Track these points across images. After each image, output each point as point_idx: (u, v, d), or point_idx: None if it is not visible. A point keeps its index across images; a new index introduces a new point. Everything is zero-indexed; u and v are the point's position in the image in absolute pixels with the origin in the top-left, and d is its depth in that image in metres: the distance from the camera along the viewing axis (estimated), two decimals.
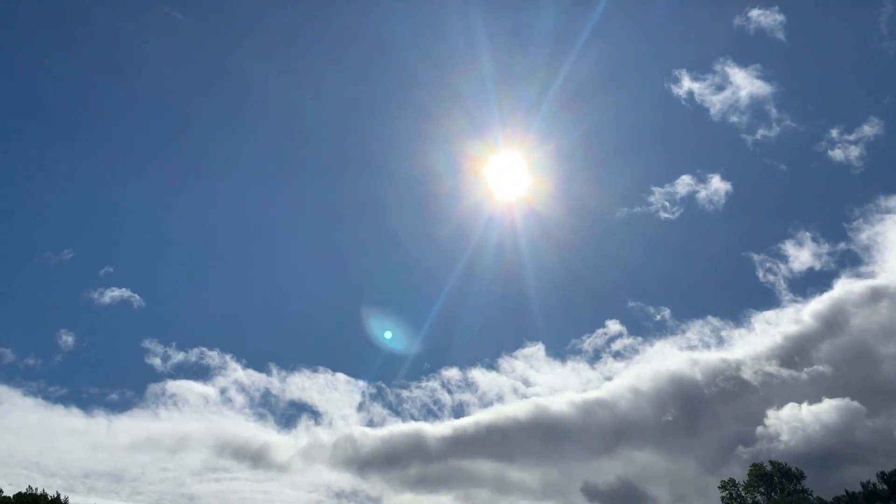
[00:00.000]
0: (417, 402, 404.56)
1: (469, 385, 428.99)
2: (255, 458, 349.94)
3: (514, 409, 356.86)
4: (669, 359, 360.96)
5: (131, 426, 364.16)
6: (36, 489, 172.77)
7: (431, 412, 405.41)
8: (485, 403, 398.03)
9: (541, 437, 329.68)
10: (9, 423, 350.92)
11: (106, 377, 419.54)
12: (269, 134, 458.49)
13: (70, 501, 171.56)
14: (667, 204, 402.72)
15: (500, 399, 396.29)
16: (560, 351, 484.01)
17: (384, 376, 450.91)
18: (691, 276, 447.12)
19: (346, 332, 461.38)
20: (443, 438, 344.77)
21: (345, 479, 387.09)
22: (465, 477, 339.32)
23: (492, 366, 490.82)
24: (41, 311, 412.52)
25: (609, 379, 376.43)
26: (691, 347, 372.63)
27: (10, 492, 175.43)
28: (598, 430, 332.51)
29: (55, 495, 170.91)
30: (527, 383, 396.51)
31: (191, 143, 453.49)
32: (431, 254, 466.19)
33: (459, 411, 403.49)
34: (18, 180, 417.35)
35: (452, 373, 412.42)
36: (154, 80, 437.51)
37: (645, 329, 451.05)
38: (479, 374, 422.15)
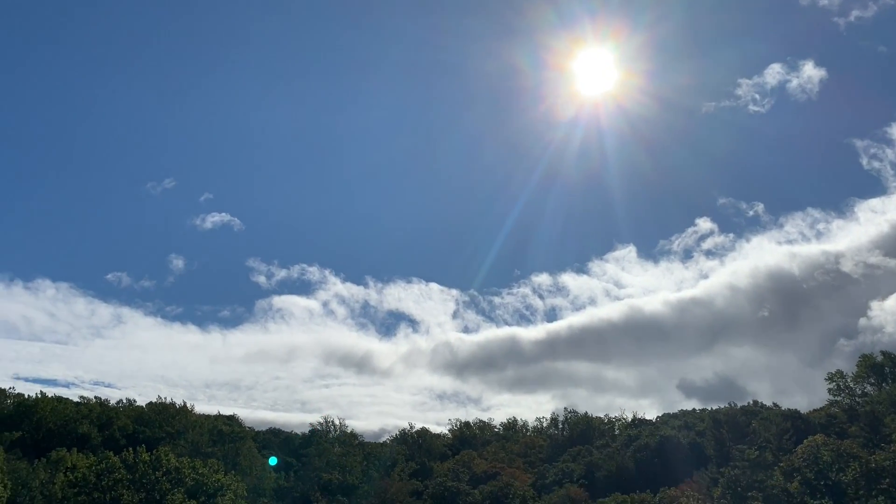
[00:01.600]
0: (510, 308, 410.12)
1: (560, 289, 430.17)
2: (360, 364, 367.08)
3: (608, 311, 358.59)
4: (766, 254, 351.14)
5: (244, 339, 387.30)
6: (164, 398, 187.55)
7: (524, 317, 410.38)
8: (577, 307, 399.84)
9: (635, 337, 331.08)
10: (134, 341, 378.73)
11: (217, 296, 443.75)
12: (348, 40, 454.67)
13: (195, 409, 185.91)
14: (756, 96, 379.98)
15: (593, 302, 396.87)
16: (651, 252, 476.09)
17: (476, 285, 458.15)
18: (787, 168, 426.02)
19: (436, 243, 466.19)
20: (537, 342, 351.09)
21: (445, 382, 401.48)
22: (561, 377, 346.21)
23: (582, 270, 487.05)
24: (151, 237, 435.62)
25: (705, 277, 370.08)
26: (790, 241, 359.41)
27: (141, 402, 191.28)
28: (694, 329, 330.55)
29: (182, 403, 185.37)
30: (619, 285, 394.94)
31: (276, 63, 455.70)
32: (511, 156, 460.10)
33: (552, 315, 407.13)
34: (119, 115, 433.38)
35: (543, 278, 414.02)
36: (244, 8, 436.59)
37: (737, 225, 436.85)
38: (569, 279, 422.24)
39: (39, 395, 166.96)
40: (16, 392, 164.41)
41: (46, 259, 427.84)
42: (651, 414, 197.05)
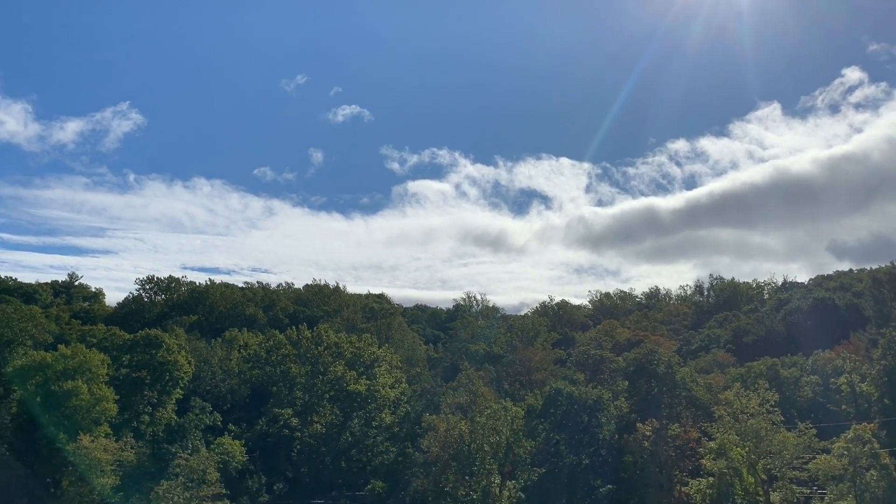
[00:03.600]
0: (645, 178, 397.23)
1: (699, 155, 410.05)
2: (495, 243, 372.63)
3: (751, 174, 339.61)
4: None
5: (384, 224, 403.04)
6: (318, 281, 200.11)
7: (661, 186, 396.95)
8: (718, 172, 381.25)
9: (782, 200, 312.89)
10: (286, 230, 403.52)
11: (355, 184, 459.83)
12: None
13: (347, 289, 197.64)
14: None
15: (735, 166, 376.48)
16: (796, 108, 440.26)
17: (608, 156, 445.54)
18: None
19: (562, 116, 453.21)
20: (675, 211, 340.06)
21: (581, 257, 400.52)
22: (702, 246, 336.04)
23: (722, 132, 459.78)
24: (288, 132, 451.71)
25: (858, 131, 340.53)
26: None
27: (298, 285, 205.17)
28: (847, 187, 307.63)
29: (334, 285, 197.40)
30: (763, 146, 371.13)
31: None
32: (635, 6, 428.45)
33: (691, 182, 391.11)
34: (246, 16, 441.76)
35: (679, 145, 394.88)
36: None
37: (891, 73, 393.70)
38: (708, 143, 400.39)
39: (209, 283, 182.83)
40: (188, 280, 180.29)
41: (199, 159, 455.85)
42: (800, 278, 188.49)
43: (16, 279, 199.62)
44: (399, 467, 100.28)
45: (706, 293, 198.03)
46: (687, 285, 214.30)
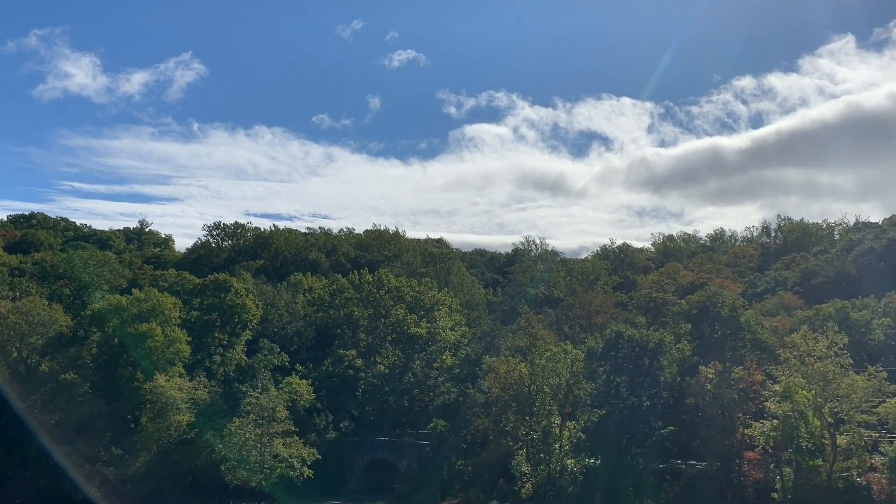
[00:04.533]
0: (710, 117, 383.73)
1: (766, 92, 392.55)
2: (554, 186, 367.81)
3: (821, 111, 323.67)
4: None
5: (442, 169, 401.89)
6: (378, 226, 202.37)
7: (726, 125, 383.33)
8: (786, 110, 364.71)
9: (855, 137, 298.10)
10: (346, 177, 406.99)
11: (412, 129, 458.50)
12: None
13: (406, 234, 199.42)
14: None
15: (804, 103, 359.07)
16: (870, 41, 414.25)
17: (670, 95, 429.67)
18: None
19: (622, 54, 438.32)
20: (741, 151, 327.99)
21: (643, 199, 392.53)
22: (769, 186, 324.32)
23: (790, 68, 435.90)
24: (345, 78, 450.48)
25: None
26: None
27: (358, 230, 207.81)
28: None
29: (394, 230, 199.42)
30: (834, 81, 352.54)
31: None
32: None
33: (757, 121, 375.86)
34: None
35: (745, 82, 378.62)
36: None
37: None
38: (776, 80, 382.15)
39: (273, 228, 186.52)
40: (253, 226, 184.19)
41: (260, 107, 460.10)
42: (873, 218, 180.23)
43: (90, 226, 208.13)
44: (460, 407, 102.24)
45: (773, 235, 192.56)
46: (753, 227, 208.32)
